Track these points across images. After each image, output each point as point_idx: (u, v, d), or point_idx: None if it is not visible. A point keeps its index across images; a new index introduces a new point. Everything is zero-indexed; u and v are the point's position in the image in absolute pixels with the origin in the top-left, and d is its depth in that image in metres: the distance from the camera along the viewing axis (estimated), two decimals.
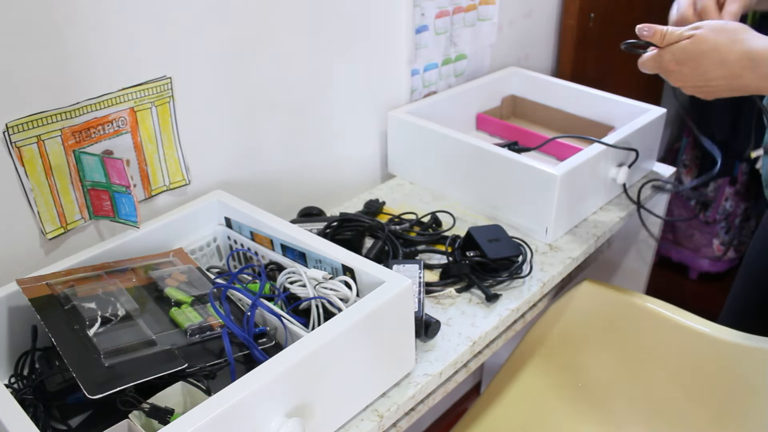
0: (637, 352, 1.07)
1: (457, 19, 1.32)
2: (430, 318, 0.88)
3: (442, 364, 0.84)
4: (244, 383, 0.62)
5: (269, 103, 1.05)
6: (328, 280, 0.81)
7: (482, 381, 1.87)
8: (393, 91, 1.26)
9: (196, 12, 0.90)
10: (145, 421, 0.66)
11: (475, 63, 1.43)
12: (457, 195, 1.20)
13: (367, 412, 0.77)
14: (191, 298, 0.79)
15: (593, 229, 1.12)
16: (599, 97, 1.33)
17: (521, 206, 1.09)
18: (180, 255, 0.89)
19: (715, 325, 1.00)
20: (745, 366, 0.96)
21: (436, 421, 1.80)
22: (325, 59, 1.10)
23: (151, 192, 0.95)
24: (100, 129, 0.86)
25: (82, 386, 0.63)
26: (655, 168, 1.31)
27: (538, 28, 1.58)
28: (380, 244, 1.01)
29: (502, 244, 1.00)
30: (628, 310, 1.07)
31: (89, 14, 0.79)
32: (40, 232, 0.84)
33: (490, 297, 0.94)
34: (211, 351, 0.73)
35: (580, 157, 1.07)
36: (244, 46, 0.98)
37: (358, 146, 1.24)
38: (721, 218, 2.22)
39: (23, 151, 0.79)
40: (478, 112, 1.41)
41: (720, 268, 2.30)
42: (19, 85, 0.76)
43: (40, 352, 0.78)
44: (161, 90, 0.90)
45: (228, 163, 1.03)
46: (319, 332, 0.69)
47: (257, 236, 0.91)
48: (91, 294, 0.76)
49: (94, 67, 0.82)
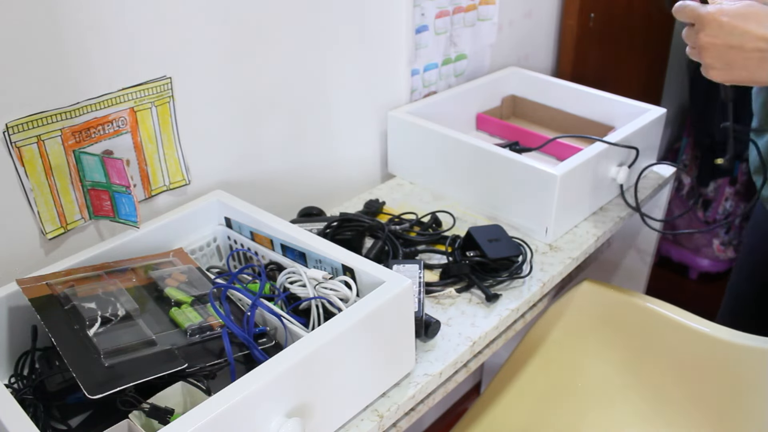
0: (637, 352, 1.07)
1: (457, 19, 1.32)
2: (430, 318, 0.88)
3: (442, 364, 0.84)
4: (244, 383, 0.62)
5: (269, 103, 1.05)
6: (328, 280, 0.81)
7: (482, 381, 1.87)
8: (393, 91, 1.26)
9: (196, 12, 0.90)
10: (145, 421, 0.66)
11: (475, 63, 1.43)
12: (457, 195, 1.20)
13: (367, 412, 0.77)
14: (191, 298, 0.79)
15: (593, 229, 1.12)
16: (599, 97, 1.33)
17: (521, 206, 1.09)
18: (180, 255, 0.89)
19: (715, 325, 1.00)
20: (745, 366, 0.96)
21: (436, 421, 1.80)
22: (325, 59, 1.10)
23: (151, 192, 0.95)
24: (100, 129, 0.86)
25: (82, 386, 0.63)
26: (655, 168, 1.31)
27: (538, 28, 1.58)
28: (380, 244, 1.01)
29: (502, 244, 1.00)
30: (628, 310, 1.07)
31: (89, 14, 0.79)
32: (40, 232, 0.84)
33: (490, 297, 0.94)
34: (211, 351, 0.73)
35: (580, 157, 1.07)
36: (244, 45, 0.98)
37: (358, 146, 1.24)
38: (721, 218, 2.22)
39: (23, 151, 0.79)
40: (478, 112, 1.41)
41: (720, 268, 2.30)
42: (19, 85, 0.76)
43: (40, 352, 0.78)
44: (161, 90, 0.90)
45: (228, 163, 1.03)
46: (319, 332, 0.69)
47: (257, 236, 0.91)
48: (91, 294, 0.76)
49: (94, 67, 0.82)
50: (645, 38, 1.88)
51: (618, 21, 1.72)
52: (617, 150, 1.14)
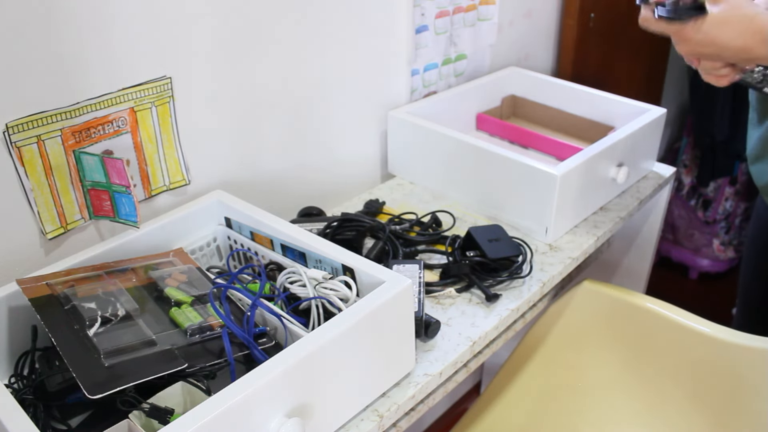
0: (636, 352, 1.07)
1: (457, 19, 1.32)
2: (430, 318, 0.88)
3: (442, 364, 0.84)
4: (244, 383, 0.62)
5: (269, 103, 1.05)
6: (328, 280, 0.81)
7: (482, 381, 1.87)
8: (393, 91, 1.26)
9: (197, 12, 0.90)
10: (145, 421, 0.66)
11: (475, 63, 1.43)
12: (457, 195, 1.20)
13: (367, 412, 0.77)
14: (191, 298, 0.79)
15: (593, 229, 1.12)
16: (599, 97, 1.33)
17: (521, 206, 1.09)
18: (180, 255, 0.89)
19: (715, 325, 1.00)
20: (745, 366, 0.96)
21: (436, 421, 1.80)
22: (325, 59, 1.10)
23: (151, 192, 0.95)
24: (100, 129, 0.86)
25: (82, 386, 0.63)
26: (655, 168, 1.31)
27: (538, 28, 1.58)
28: (381, 245, 1.01)
29: (502, 244, 1.00)
30: (628, 310, 1.07)
31: (89, 14, 0.79)
32: (40, 232, 0.84)
33: (490, 297, 0.94)
34: (211, 351, 0.73)
35: (580, 157, 1.07)
36: (244, 45, 0.98)
37: (358, 146, 1.24)
38: (721, 218, 2.22)
39: (23, 151, 0.79)
40: (478, 112, 1.41)
41: (720, 268, 2.30)
42: (19, 85, 0.76)
43: (40, 352, 0.78)
44: (161, 90, 0.90)
45: (228, 163, 1.03)
46: (319, 332, 0.69)
47: (257, 236, 0.91)
48: (91, 294, 0.76)
49: (94, 67, 0.82)
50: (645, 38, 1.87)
51: (618, 21, 1.72)
52: (617, 150, 1.14)
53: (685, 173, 2.27)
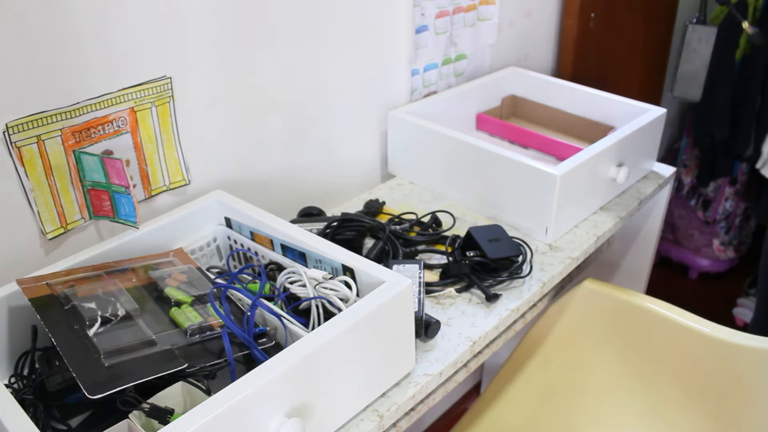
0: (637, 351, 1.07)
1: (457, 19, 1.32)
2: (430, 318, 0.88)
3: (442, 364, 0.84)
4: (244, 383, 0.62)
5: (269, 103, 1.05)
6: (328, 280, 0.81)
7: (482, 381, 1.87)
8: (393, 91, 1.26)
9: (196, 12, 0.90)
10: (145, 421, 0.66)
11: (475, 63, 1.43)
12: (457, 195, 1.20)
13: (367, 412, 0.77)
14: (191, 298, 0.79)
15: (593, 229, 1.12)
16: (599, 97, 1.33)
17: (521, 206, 1.09)
18: (180, 255, 0.89)
19: (715, 325, 1.00)
20: (745, 366, 0.96)
21: (436, 421, 1.80)
22: (325, 59, 1.10)
23: (151, 192, 0.95)
24: (100, 129, 0.86)
25: (82, 386, 0.63)
26: (655, 168, 1.31)
27: (538, 28, 1.58)
28: (381, 245, 1.01)
29: (502, 244, 1.00)
30: (628, 309, 1.07)
31: (89, 14, 0.79)
32: (40, 232, 0.84)
33: (490, 297, 0.94)
34: (211, 351, 0.73)
35: (580, 157, 1.07)
36: (244, 46, 0.98)
37: (358, 146, 1.24)
38: (721, 218, 2.22)
39: (23, 151, 0.79)
40: (478, 112, 1.41)
41: (720, 268, 2.30)
42: (19, 85, 0.76)
43: (40, 352, 0.78)
44: (161, 90, 0.90)
45: (228, 163, 1.03)
46: (319, 332, 0.69)
47: (257, 236, 0.91)
48: (91, 294, 0.76)
49: (94, 67, 0.82)
50: (645, 38, 1.88)
51: (618, 21, 1.72)
52: (617, 150, 1.14)
53: (685, 173, 2.27)
